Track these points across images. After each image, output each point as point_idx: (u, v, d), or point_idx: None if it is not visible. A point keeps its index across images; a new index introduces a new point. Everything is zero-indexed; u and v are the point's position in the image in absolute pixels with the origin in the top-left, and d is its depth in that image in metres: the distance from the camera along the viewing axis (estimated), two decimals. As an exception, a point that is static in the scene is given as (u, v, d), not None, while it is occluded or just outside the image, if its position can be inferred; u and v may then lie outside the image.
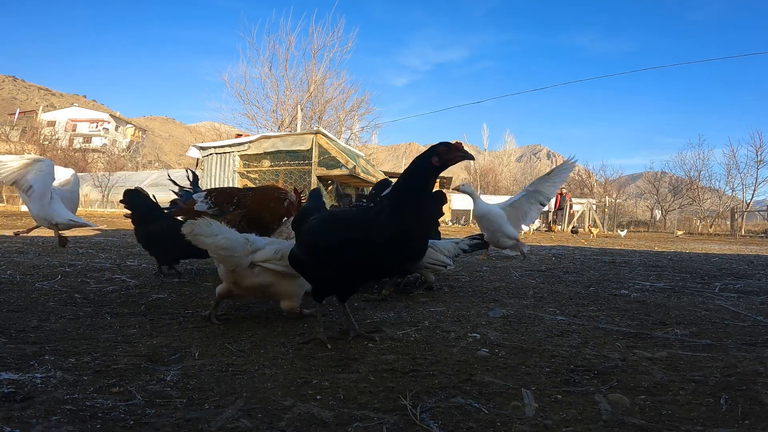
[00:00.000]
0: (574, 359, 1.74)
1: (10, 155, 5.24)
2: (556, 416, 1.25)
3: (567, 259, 5.86)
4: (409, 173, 1.72)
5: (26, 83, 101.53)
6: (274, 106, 27.03)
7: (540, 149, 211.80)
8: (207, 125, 38.68)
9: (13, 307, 2.31)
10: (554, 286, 3.51)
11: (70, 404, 1.22)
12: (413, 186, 1.69)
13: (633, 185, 45.90)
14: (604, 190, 36.90)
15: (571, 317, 2.47)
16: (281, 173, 14.69)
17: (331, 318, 2.31)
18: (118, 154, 51.69)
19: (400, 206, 1.66)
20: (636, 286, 3.62)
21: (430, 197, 1.78)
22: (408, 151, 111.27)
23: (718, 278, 4.24)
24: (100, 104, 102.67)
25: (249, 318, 2.28)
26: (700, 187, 32.62)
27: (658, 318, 2.48)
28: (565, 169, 5.41)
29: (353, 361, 1.66)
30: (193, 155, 16.48)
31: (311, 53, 27.09)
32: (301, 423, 1.17)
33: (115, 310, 2.35)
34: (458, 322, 2.32)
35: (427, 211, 1.84)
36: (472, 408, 1.29)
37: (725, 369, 1.66)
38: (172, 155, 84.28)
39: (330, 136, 15.05)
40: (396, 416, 1.22)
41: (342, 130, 28.05)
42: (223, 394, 1.33)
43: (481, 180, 45.52)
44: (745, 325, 2.36)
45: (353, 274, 1.82)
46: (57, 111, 68.54)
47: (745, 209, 27.81)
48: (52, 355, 1.61)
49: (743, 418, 1.26)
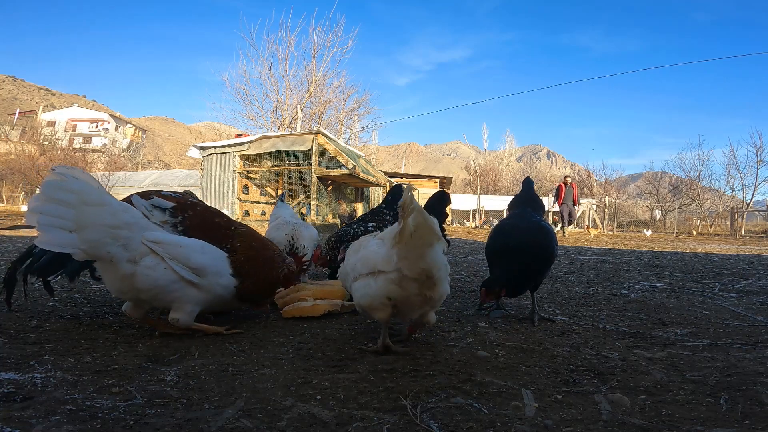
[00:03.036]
0: (574, 359, 1.74)
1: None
2: (556, 416, 1.25)
3: (567, 259, 5.86)
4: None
5: (26, 83, 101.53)
6: (274, 106, 27.06)
7: (540, 149, 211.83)
8: (207, 125, 38.70)
9: (13, 307, 2.31)
10: (554, 286, 3.51)
11: (70, 404, 1.22)
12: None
13: (633, 185, 45.91)
14: (604, 190, 36.91)
15: (571, 317, 2.47)
16: (281, 173, 14.69)
17: (333, 318, 2.31)
18: (118, 154, 51.71)
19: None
20: (636, 286, 3.62)
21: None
22: (408, 151, 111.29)
23: (718, 278, 4.24)
24: (100, 104, 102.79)
25: (249, 318, 2.28)
26: (700, 187, 32.64)
27: (658, 318, 2.48)
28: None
29: (353, 361, 1.66)
30: (193, 155, 16.48)
31: (311, 53, 27.13)
32: (301, 423, 1.17)
33: (115, 310, 2.34)
34: (458, 322, 2.32)
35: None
36: (472, 408, 1.28)
37: (725, 369, 1.66)
38: (172, 155, 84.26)
39: (330, 136, 15.05)
40: (396, 416, 1.22)
41: (342, 130, 28.08)
42: (223, 394, 1.33)
43: (481, 180, 45.53)
44: (745, 325, 2.36)
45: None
46: (57, 111, 68.59)
47: (745, 209, 27.81)
48: (52, 355, 1.61)
49: (743, 418, 1.26)
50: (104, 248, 1.70)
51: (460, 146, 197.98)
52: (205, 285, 1.89)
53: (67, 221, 1.64)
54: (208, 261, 1.93)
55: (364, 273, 1.74)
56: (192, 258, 1.86)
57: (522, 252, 2.26)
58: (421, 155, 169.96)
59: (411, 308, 1.70)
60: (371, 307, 1.72)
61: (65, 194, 1.64)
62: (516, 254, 2.27)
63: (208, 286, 1.91)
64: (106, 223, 1.70)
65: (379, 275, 1.68)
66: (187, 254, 1.86)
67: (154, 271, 1.78)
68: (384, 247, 1.70)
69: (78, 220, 1.65)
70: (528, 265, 2.25)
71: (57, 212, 1.63)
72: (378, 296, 1.67)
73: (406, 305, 1.68)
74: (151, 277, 1.77)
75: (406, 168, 55.21)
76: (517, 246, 2.29)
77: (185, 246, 1.89)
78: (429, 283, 1.61)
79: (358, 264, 1.78)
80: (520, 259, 2.24)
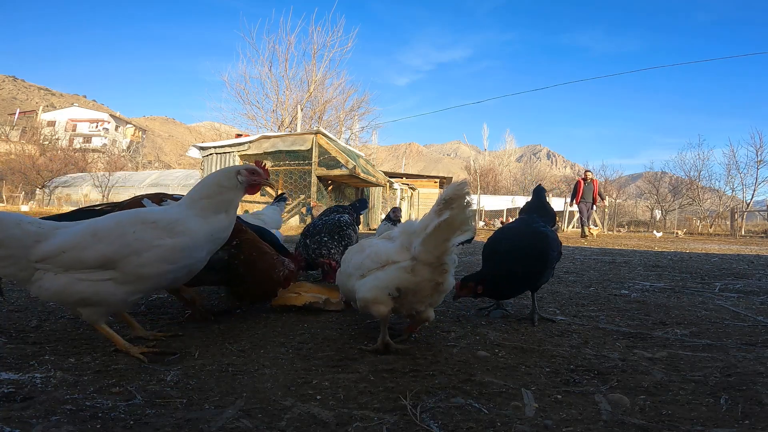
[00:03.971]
0: (574, 359, 1.74)
1: None
2: (556, 416, 1.25)
3: (567, 259, 5.86)
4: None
5: (26, 83, 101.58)
6: (274, 106, 27.08)
7: (540, 149, 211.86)
8: (207, 125, 38.71)
9: (13, 307, 2.31)
10: (554, 286, 3.51)
11: (70, 404, 1.22)
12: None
13: (633, 185, 45.92)
14: (604, 190, 36.87)
15: (571, 317, 2.47)
16: (281, 173, 14.68)
17: (333, 318, 2.31)
18: (118, 154, 51.73)
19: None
20: (636, 286, 3.62)
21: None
22: (408, 151, 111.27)
23: (718, 278, 4.24)
24: (100, 104, 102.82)
25: (249, 318, 2.28)
26: (700, 187, 32.61)
27: (658, 318, 2.48)
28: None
29: (353, 361, 1.66)
30: (193, 155, 16.49)
31: (311, 53, 27.16)
32: (301, 423, 1.17)
33: (115, 310, 2.34)
34: (458, 322, 2.32)
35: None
36: (472, 408, 1.28)
37: (725, 369, 1.66)
38: (172, 155, 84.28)
39: (330, 136, 15.05)
40: (396, 416, 1.22)
41: (342, 130, 28.08)
42: (223, 394, 1.33)
43: (481, 180, 45.54)
44: (745, 325, 2.36)
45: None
46: (57, 111, 68.61)
47: (745, 209, 27.80)
48: (52, 355, 1.61)
49: (743, 418, 1.26)
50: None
51: (460, 146, 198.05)
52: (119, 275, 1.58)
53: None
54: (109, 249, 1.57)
55: (374, 268, 1.77)
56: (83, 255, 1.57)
57: (507, 254, 2.28)
58: (421, 155, 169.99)
59: (421, 297, 1.75)
60: (376, 300, 1.74)
61: None
62: (502, 256, 2.30)
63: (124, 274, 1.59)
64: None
65: (389, 267, 1.73)
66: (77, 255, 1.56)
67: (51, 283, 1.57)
68: (396, 242, 1.77)
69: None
70: (512, 269, 2.23)
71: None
72: (386, 287, 1.72)
73: (416, 294, 1.73)
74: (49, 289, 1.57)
75: (406, 168, 55.24)
76: (504, 249, 2.32)
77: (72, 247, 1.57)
78: (441, 269, 1.69)
79: (367, 261, 1.82)
80: (507, 261, 2.26)
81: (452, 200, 1.56)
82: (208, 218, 1.73)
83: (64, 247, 1.55)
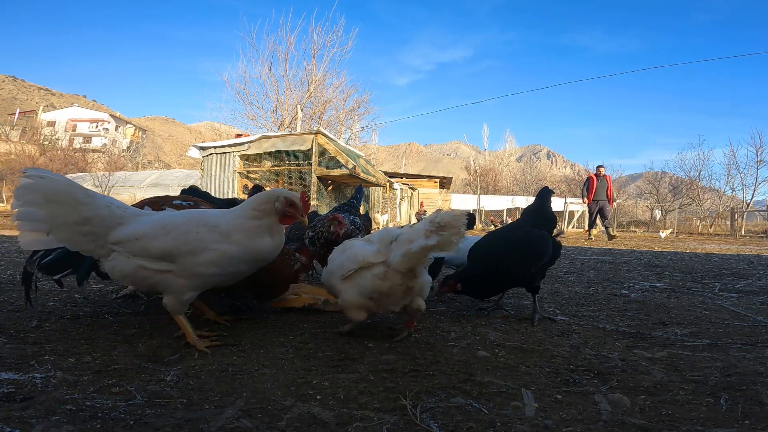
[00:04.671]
0: (574, 359, 1.74)
1: None
2: (556, 416, 1.25)
3: (567, 259, 5.86)
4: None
5: (26, 83, 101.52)
6: (274, 106, 27.05)
7: (540, 149, 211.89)
8: (207, 125, 38.74)
9: (13, 307, 2.31)
10: (554, 286, 3.51)
11: (70, 404, 1.23)
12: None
13: (633, 185, 45.87)
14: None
15: (571, 317, 2.47)
16: (281, 173, 14.68)
17: (332, 318, 2.31)
18: (118, 154, 51.66)
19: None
20: (636, 286, 3.62)
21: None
22: (408, 151, 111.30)
23: (718, 278, 4.24)
24: (100, 104, 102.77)
25: (249, 318, 2.28)
26: (700, 187, 32.58)
27: (658, 318, 2.48)
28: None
29: (353, 361, 1.66)
30: (193, 155, 16.48)
31: (311, 53, 27.11)
32: (301, 423, 1.17)
33: (115, 310, 2.34)
34: (458, 322, 2.32)
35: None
36: (472, 408, 1.29)
37: (725, 369, 1.66)
38: (172, 155, 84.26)
39: (330, 136, 15.05)
40: (396, 416, 1.22)
41: (342, 130, 28.06)
42: (223, 394, 1.33)
43: (481, 180, 45.53)
44: (745, 325, 2.36)
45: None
46: (57, 111, 68.56)
47: (745, 209, 27.78)
48: (52, 355, 1.61)
49: (743, 418, 1.26)
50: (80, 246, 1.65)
51: (460, 146, 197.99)
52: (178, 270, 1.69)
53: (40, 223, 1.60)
54: (172, 243, 1.68)
55: (353, 268, 1.86)
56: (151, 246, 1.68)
57: (486, 258, 2.39)
58: (421, 155, 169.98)
59: (394, 299, 1.85)
60: (357, 306, 1.86)
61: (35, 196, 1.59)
62: (480, 259, 2.41)
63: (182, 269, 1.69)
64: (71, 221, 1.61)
65: (364, 272, 1.83)
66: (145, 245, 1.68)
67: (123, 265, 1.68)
68: (373, 246, 1.89)
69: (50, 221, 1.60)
70: (488, 270, 2.34)
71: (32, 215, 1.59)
72: (365, 295, 1.83)
73: (389, 297, 1.84)
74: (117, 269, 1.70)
75: (406, 168, 55.24)
76: (483, 253, 2.44)
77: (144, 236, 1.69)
78: (411, 275, 1.81)
79: (347, 262, 1.91)
80: (484, 263, 2.37)
81: (445, 228, 1.63)
82: (261, 236, 1.82)
83: (138, 234, 1.67)
